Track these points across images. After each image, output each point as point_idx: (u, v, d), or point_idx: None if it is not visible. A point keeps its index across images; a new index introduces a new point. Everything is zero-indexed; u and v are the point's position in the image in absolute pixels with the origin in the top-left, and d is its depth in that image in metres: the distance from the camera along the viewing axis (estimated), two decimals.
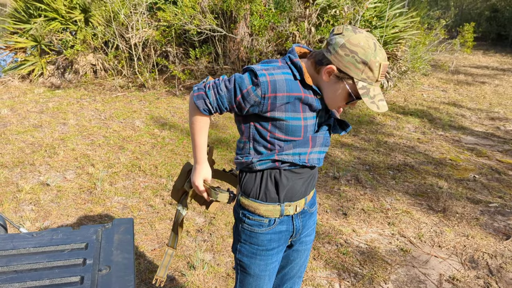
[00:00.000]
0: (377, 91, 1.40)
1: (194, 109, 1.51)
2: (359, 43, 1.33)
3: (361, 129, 5.56)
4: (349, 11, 6.59)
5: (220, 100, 1.45)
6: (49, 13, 7.20)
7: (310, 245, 1.79)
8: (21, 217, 3.28)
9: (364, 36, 1.35)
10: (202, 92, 1.46)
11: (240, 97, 1.42)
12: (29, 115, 5.67)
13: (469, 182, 4.14)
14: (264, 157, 1.50)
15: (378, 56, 1.35)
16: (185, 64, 7.20)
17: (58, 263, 1.27)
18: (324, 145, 1.57)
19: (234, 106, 1.45)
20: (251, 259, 1.63)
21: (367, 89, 1.38)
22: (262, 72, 1.40)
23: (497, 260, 2.96)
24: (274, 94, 1.40)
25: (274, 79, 1.39)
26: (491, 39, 14.21)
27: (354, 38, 1.34)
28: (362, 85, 1.38)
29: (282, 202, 1.57)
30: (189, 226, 3.23)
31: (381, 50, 1.37)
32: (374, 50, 1.34)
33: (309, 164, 1.54)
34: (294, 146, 1.49)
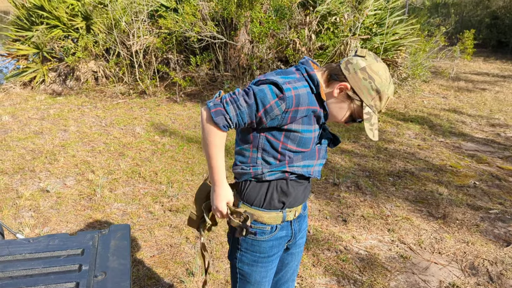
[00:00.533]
0: (376, 121, 1.46)
1: (212, 126, 1.41)
2: (379, 71, 1.40)
3: (361, 135, 5.56)
4: (349, 18, 6.62)
5: (240, 115, 1.39)
6: (51, 20, 7.25)
7: (303, 247, 1.81)
8: (21, 224, 3.28)
9: (383, 67, 1.41)
10: (220, 107, 1.39)
11: (262, 112, 1.38)
12: (30, 121, 5.69)
13: (469, 188, 4.13)
14: (274, 167, 1.49)
15: (390, 90, 1.42)
16: (186, 71, 7.23)
17: (54, 269, 1.27)
18: (323, 157, 1.61)
19: (253, 121, 1.41)
20: (252, 267, 1.62)
21: (371, 115, 1.44)
22: (287, 86, 1.37)
23: (498, 267, 2.95)
24: (297, 108, 1.39)
25: (299, 93, 1.38)
26: (491, 46, 14.23)
27: (375, 66, 1.40)
28: (368, 110, 1.44)
29: (284, 209, 1.58)
30: (188, 233, 3.23)
31: (392, 85, 1.45)
32: (389, 83, 1.41)
33: (313, 176, 1.59)
34: (303, 157, 1.51)
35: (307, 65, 1.48)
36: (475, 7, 16.16)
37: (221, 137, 1.43)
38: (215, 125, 1.40)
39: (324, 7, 6.71)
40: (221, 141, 1.44)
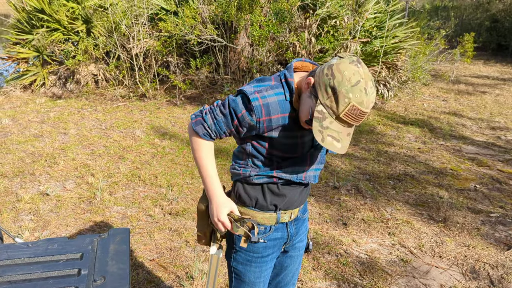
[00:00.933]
0: (333, 127, 1.29)
1: (194, 136, 1.50)
2: (344, 71, 1.25)
3: (361, 138, 5.56)
4: (349, 21, 6.62)
5: (217, 124, 1.45)
6: (51, 24, 7.25)
7: (302, 250, 1.80)
8: (20, 227, 3.27)
9: (355, 70, 1.24)
10: (200, 118, 1.47)
11: (236, 122, 1.43)
12: (30, 125, 5.69)
13: (470, 192, 4.12)
14: (262, 172, 1.50)
15: (352, 94, 1.24)
16: (186, 74, 7.23)
17: (53, 273, 1.26)
18: (320, 162, 1.58)
19: (232, 130, 1.45)
20: (246, 266, 1.63)
21: (324, 116, 1.29)
22: (254, 96, 1.38)
23: (499, 270, 2.94)
24: (269, 117, 1.39)
25: (267, 102, 1.38)
26: (491, 49, 14.24)
27: (344, 65, 1.26)
28: (321, 109, 1.29)
29: (279, 210, 1.58)
30: (188, 236, 3.22)
31: (364, 93, 1.24)
32: (352, 86, 1.23)
33: (306, 181, 1.56)
34: (293, 163, 1.50)
35: (289, 70, 1.44)
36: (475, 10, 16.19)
37: (204, 145, 1.49)
38: (196, 134, 1.49)
39: (324, 10, 6.71)
40: (206, 150, 1.50)
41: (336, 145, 1.30)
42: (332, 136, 1.29)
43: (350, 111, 1.26)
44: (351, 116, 1.27)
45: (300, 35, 6.50)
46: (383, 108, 7.01)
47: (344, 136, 1.31)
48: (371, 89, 1.26)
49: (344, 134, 1.31)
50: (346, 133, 1.31)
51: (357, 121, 1.28)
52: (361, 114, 1.26)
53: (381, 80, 7.08)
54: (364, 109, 1.26)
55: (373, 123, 6.21)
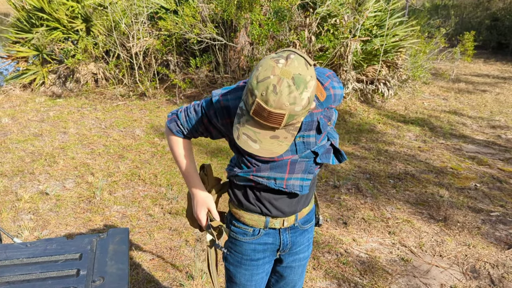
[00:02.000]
0: (249, 125, 1.20)
1: (169, 134, 1.54)
2: (260, 66, 1.16)
3: (361, 137, 5.55)
4: (349, 20, 6.61)
5: (189, 122, 1.48)
6: (51, 22, 7.24)
7: (304, 261, 1.72)
8: (20, 226, 3.27)
9: (269, 65, 1.14)
10: (175, 115, 1.51)
11: (206, 121, 1.44)
12: (30, 124, 5.68)
13: (470, 191, 4.12)
14: (242, 173, 1.47)
15: (258, 90, 1.13)
16: (185, 73, 7.22)
17: (52, 274, 1.25)
18: (307, 172, 1.48)
19: (203, 127, 1.47)
20: (237, 267, 1.62)
21: (242, 112, 1.23)
22: (217, 98, 1.38)
23: (499, 270, 2.93)
24: (230, 120, 1.37)
25: (228, 105, 1.36)
26: (491, 47, 14.22)
27: (263, 61, 1.17)
28: (241, 104, 1.23)
29: (265, 215, 1.54)
30: (188, 236, 3.21)
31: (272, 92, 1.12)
32: (258, 82, 1.13)
33: (288, 190, 1.46)
34: (270, 168, 1.44)
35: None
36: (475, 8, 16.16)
37: (178, 142, 1.53)
38: (170, 132, 1.53)
39: (324, 8, 6.70)
40: (181, 146, 1.53)
41: (252, 145, 1.20)
42: (247, 135, 1.21)
43: (257, 109, 1.15)
44: (259, 115, 1.15)
45: (300, 34, 6.49)
46: (383, 107, 7.00)
47: (264, 138, 1.20)
48: (287, 88, 1.11)
49: (264, 136, 1.20)
50: (268, 135, 1.20)
51: (270, 123, 1.16)
52: (271, 115, 1.13)
53: (381, 78, 7.07)
54: (271, 109, 1.12)
55: (373, 122, 6.20)
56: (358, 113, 6.55)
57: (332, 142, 1.51)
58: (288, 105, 1.12)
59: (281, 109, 1.12)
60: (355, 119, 6.29)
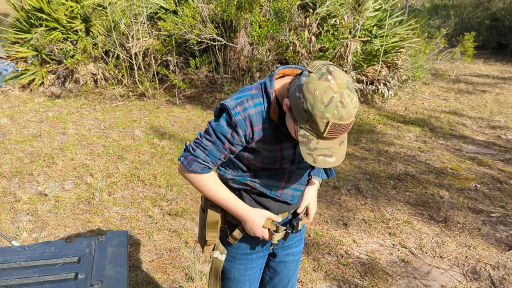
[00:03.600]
0: (321, 146, 1.25)
1: (194, 176, 1.45)
2: (315, 91, 1.19)
3: (361, 138, 5.54)
4: (349, 20, 6.60)
5: (210, 154, 1.42)
6: (50, 23, 7.22)
7: (297, 256, 1.76)
8: (18, 228, 3.25)
9: (326, 86, 1.18)
10: (190, 157, 1.43)
11: (228, 144, 1.40)
12: (29, 124, 5.66)
13: (470, 191, 4.11)
14: (238, 177, 1.50)
15: (328, 113, 1.18)
16: (185, 73, 7.21)
17: (50, 277, 1.24)
18: (300, 184, 1.54)
19: (226, 153, 1.43)
20: (231, 262, 1.63)
21: (308, 139, 1.26)
22: (236, 111, 1.36)
23: (500, 271, 2.92)
24: (252, 129, 1.38)
25: (249, 114, 1.36)
26: (491, 48, 14.22)
27: (313, 84, 1.19)
28: (303, 133, 1.26)
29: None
30: (188, 237, 3.20)
31: (341, 107, 1.18)
32: (325, 106, 1.18)
33: (281, 198, 1.52)
34: (269, 175, 1.47)
35: (270, 78, 1.40)
36: (475, 9, 16.16)
37: (208, 179, 1.46)
38: (195, 173, 1.45)
39: (324, 9, 6.69)
40: (211, 181, 1.47)
41: (330, 161, 1.27)
42: (323, 154, 1.26)
43: (333, 129, 1.21)
44: (334, 132, 1.23)
45: (300, 34, 6.48)
46: (383, 107, 6.99)
47: (336, 148, 1.28)
48: (349, 97, 1.19)
49: (336, 147, 1.28)
50: (337, 144, 1.28)
51: (343, 133, 1.25)
52: (346, 127, 1.22)
53: (381, 79, 7.06)
54: (346, 122, 1.21)
55: (373, 123, 6.19)
56: (358, 114, 6.54)
57: None
58: (354, 110, 1.22)
59: (352, 117, 1.22)
60: (355, 119, 6.28)
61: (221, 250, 1.62)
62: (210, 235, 1.58)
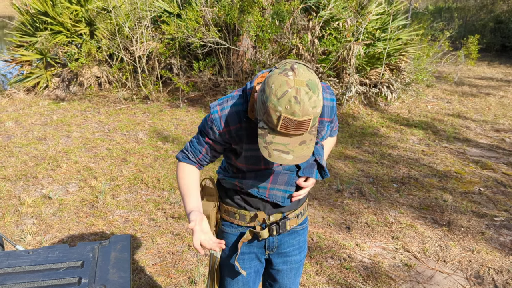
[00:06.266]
0: (277, 141, 1.25)
1: (177, 164, 1.61)
2: (272, 84, 1.20)
3: (364, 141, 5.54)
4: (352, 23, 6.60)
5: (192, 146, 1.54)
6: (54, 26, 7.27)
7: (297, 265, 1.73)
8: (23, 231, 3.27)
9: (283, 80, 1.19)
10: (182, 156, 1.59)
11: (207, 138, 1.49)
12: (33, 127, 5.70)
13: (474, 195, 4.09)
14: (228, 177, 1.57)
15: (281, 107, 1.18)
16: (188, 76, 7.23)
17: (53, 282, 1.25)
18: (290, 185, 1.54)
19: (206, 147, 1.51)
20: (225, 260, 1.67)
21: (265, 132, 1.27)
22: (215, 109, 1.44)
23: (503, 275, 2.91)
24: (228, 128, 1.43)
25: (225, 114, 1.42)
26: (495, 50, 14.17)
27: (272, 78, 1.21)
28: (261, 125, 1.28)
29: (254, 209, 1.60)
30: (191, 240, 3.21)
31: (295, 103, 1.17)
32: (278, 99, 1.18)
33: (270, 199, 1.54)
34: (255, 176, 1.51)
35: (252, 81, 1.44)
36: (479, 11, 16.12)
37: (182, 167, 1.57)
38: (178, 160, 1.61)
39: (327, 12, 6.70)
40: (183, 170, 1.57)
41: (286, 157, 1.26)
42: (278, 149, 1.26)
43: (285, 123, 1.21)
44: (288, 127, 1.21)
45: (303, 37, 6.49)
46: (386, 110, 6.98)
47: (296, 147, 1.26)
48: (306, 95, 1.18)
49: (295, 144, 1.26)
50: (297, 142, 1.26)
51: (298, 131, 1.22)
52: (299, 123, 1.20)
53: (385, 82, 7.05)
54: (300, 118, 1.19)
55: (377, 125, 6.18)
56: (361, 117, 6.53)
57: (316, 158, 1.55)
58: (311, 109, 1.20)
59: (307, 115, 1.20)
60: (358, 122, 6.28)
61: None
62: None
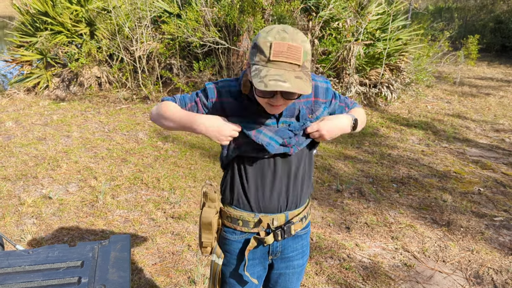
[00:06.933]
0: (272, 73, 1.26)
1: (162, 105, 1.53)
2: (261, 32, 1.30)
3: (364, 141, 5.54)
4: (352, 23, 6.61)
5: (182, 97, 1.55)
6: (55, 26, 7.28)
7: (299, 269, 1.72)
8: (23, 231, 3.28)
9: (270, 27, 1.31)
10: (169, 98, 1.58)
11: (197, 98, 1.52)
12: (34, 127, 5.70)
13: (473, 195, 4.10)
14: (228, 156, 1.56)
15: (270, 36, 1.26)
16: (188, 76, 7.24)
17: (53, 281, 1.25)
18: (278, 135, 1.46)
19: (193, 103, 1.53)
20: (226, 267, 1.65)
21: (258, 70, 1.28)
22: (210, 83, 1.52)
23: (503, 275, 2.91)
24: (221, 99, 1.48)
25: (218, 86, 1.50)
26: (495, 50, 14.18)
27: (262, 31, 1.31)
28: (254, 68, 1.30)
29: (256, 212, 1.56)
30: (190, 240, 3.21)
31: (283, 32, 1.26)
32: (267, 32, 1.28)
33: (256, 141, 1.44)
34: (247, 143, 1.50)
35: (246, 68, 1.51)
36: (479, 11, 16.13)
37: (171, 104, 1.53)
38: (162, 103, 1.55)
39: (326, 12, 6.71)
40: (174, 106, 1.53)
41: (283, 85, 1.23)
42: (275, 79, 1.25)
43: (276, 49, 1.25)
44: (281, 53, 1.25)
45: None
46: (386, 110, 6.99)
47: (291, 78, 1.26)
48: (292, 30, 1.28)
49: (290, 76, 1.26)
50: (292, 75, 1.26)
51: (291, 57, 1.25)
52: (290, 48, 1.25)
53: (384, 82, 7.06)
54: (290, 42, 1.25)
55: (376, 125, 6.19)
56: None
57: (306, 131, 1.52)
58: (300, 40, 1.27)
59: (297, 43, 1.26)
60: None
61: (218, 253, 1.62)
62: (205, 236, 1.59)
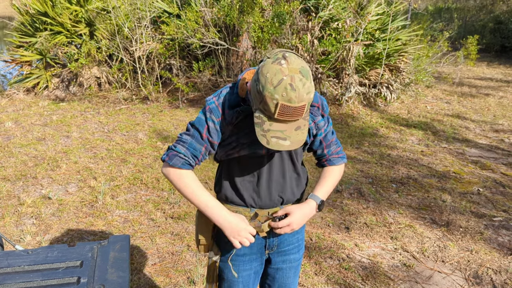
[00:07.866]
0: (274, 128, 1.29)
1: (174, 171, 1.49)
2: (266, 73, 1.25)
3: (364, 141, 5.54)
4: (352, 24, 6.61)
5: (190, 147, 1.48)
6: (54, 27, 7.28)
7: (296, 263, 1.75)
8: (22, 231, 3.28)
9: (277, 69, 1.24)
10: (172, 152, 1.49)
11: (205, 133, 1.47)
12: (33, 128, 5.70)
13: (473, 195, 4.10)
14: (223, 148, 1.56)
15: (278, 94, 1.23)
16: (188, 76, 7.24)
17: (53, 281, 1.26)
18: None
19: (205, 145, 1.49)
20: (224, 263, 1.65)
21: (262, 120, 1.30)
22: (211, 100, 1.47)
23: (502, 276, 2.91)
24: (224, 112, 1.46)
25: (221, 101, 1.46)
26: (495, 50, 14.19)
27: (266, 67, 1.26)
28: (257, 114, 1.32)
29: (251, 207, 1.58)
30: (190, 241, 3.21)
31: (291, 90, 1.23)
32: (274, 87, 1.23)
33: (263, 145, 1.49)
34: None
35: (242, 72, 1.50)
36: (478, 11, 16.14)
37: (186, 176, 1.49)
38: (175, 168, 1.49)
39: (326, 12, 6.71)
40: (191, 179, 1.50)
41: (284, 144, 1.30)
42: (276, 136, 1.30)
43: (282, 110, 1.26)
44: (285, 114, 1.27)
45: (303, 38, 6.50)
46: (386, 110, 6.99)
47: (292, 133, 1.31)
48: (300, 82, 1.23)
49: (291, 130, 1.30)
50: (293, 128, 1.31)
51: (295, 116, 1.28)
52: (296, 110, 1.26)
53: (384, 82, 7.06)
54: (296, 105, 1.25)
55: (376, 126, 6.19)
56: (360, 117, 6.54)
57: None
58: (306, 95, 1.25)
59: (303, 101, 1.25)
60: (358, 122, 6.29)
61: (215, 251, 1.64)
62: (202, 234, 1.60)
